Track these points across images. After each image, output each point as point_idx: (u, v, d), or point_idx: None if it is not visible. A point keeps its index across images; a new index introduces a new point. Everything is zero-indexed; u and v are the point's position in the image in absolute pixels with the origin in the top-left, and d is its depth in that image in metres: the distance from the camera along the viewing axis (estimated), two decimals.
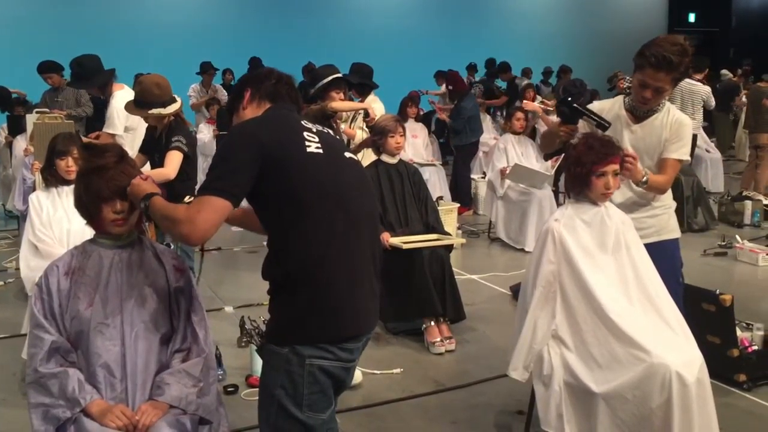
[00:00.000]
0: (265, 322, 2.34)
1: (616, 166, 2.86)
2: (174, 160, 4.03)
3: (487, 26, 14.72)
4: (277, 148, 2.03)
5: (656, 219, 3.22)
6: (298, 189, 2.02)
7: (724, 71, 12.86)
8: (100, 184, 2.24)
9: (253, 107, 2.25)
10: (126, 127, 5.05)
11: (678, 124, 3.14)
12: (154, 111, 4.07)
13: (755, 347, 3.92)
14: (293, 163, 2.03)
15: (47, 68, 7.22)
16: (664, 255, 3.13)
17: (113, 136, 4.98)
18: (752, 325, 4.08)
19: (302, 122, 2.17)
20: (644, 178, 3.03)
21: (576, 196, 2.95)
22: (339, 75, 5.04)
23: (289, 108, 2.25)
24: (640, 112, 3.17)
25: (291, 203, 2.03)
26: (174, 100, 4.14)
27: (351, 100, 5.52)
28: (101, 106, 7.32)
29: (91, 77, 5.12)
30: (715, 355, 3.42)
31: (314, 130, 2.16)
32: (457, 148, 8.58)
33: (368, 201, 2.22)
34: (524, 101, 8.34)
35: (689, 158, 3.23)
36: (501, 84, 12.10)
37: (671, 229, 3.27)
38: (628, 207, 3.16)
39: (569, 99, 3.22)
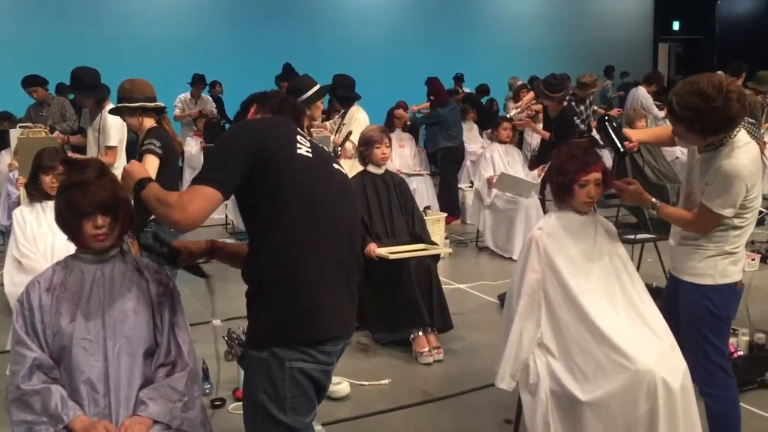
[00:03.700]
0: (244, 332, 2.36)
1: (599, 175, 2.85)
2: (149, 165, 3.73)
3: (474, 36, 14.75)
4: (269, 146, 2.11)
5: (686, 257, 2.82)
6: (280, 188, 2.09)
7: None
8: (81, 199, 2.22)
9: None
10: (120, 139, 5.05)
11: (721, 172, 2.63)
12: (119, 105, 3.97)
13: (741, 353, 3.94)
14: (281, 161, 2.11)
15: (31, 82, 7.21)
16: (684, 295, 2.84)
17: (112, 148, 4.89)
18: (737, 330, 4.10)
19: (298, 130, 2.26)
20: (652, 207, 2.85)
21: (559, 204, 2.96)
22: (320, 86, 5.05)
23: (289, 121, 2.34)
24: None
25: (271, 202, 2.09)
26: (147, 100, 3.93)
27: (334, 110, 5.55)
28: None
29: (95, 88, 5.14)
30: None
31: (308, 138, 2.27)
32: (436, 155, 8.58)
33: (349, 208, 2.26)
34: (517, 121, 8.11)
35: (724, 213, 2.65)
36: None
37: (695, 273, 2.78)
38: (676, 238, 2.91)
39: (605, 118, 2.98)
